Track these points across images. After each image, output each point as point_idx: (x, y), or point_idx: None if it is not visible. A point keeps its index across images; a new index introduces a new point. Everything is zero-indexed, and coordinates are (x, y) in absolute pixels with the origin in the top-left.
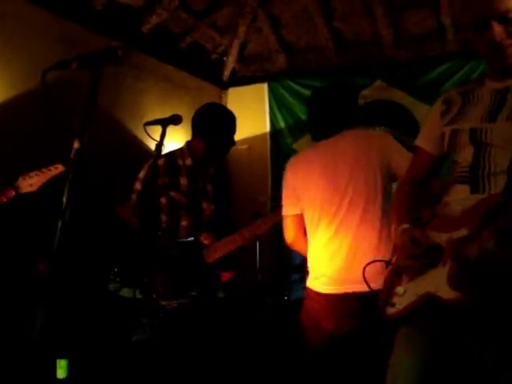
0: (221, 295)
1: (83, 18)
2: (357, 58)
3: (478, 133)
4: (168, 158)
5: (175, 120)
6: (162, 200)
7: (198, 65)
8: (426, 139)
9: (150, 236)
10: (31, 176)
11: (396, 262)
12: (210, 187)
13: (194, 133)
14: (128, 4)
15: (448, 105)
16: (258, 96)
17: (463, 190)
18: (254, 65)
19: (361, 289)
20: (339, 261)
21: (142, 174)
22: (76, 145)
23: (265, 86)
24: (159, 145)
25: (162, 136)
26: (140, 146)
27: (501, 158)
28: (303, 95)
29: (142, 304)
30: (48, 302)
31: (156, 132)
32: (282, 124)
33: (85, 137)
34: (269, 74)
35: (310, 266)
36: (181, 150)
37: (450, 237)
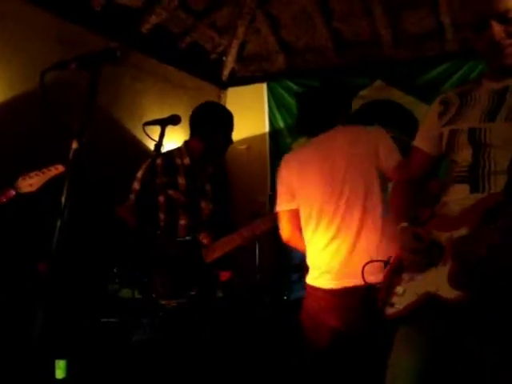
0: (219, 295)
1: (82, 18)
2: (356, 58)
3: (476, 133)
4: (166, 157)
5: (174, 120)
6: (160, 198)
7: (197, 65)
8: (424, 139)
9: (148, 235)
10: (31, 176)
11: (394, 262)
12: (208, 186)
13: (191, 132)
14: (127, 4)
15: (446, 105)
16: (257, 96)
17: (462, 190)
18: (253, 65)
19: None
20: (341, 257)
21: (139, 174)
22: (74, 145)
23: (264, 86)
24: (158, 145)
25: (161, 136)
26: (139, 146)
27: (500, 157)
28: None
29: (141, 304)
30: (48, 302)
31: (155, 132)
32: (281, 124)
33: (83, 137)
34: (268, 74)
35: (310, 264)
36: (179, 150)
37: (450, 236)
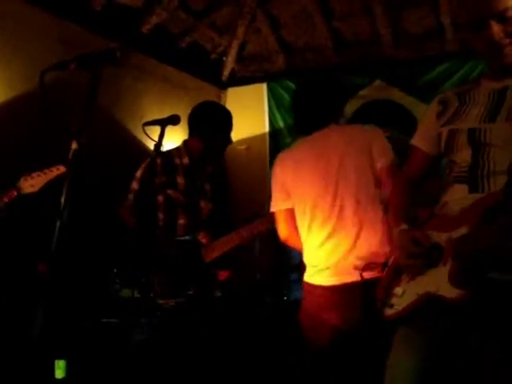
0: (218, 294)
1: (82, 18)
2: (356, 58)
3: (476, 133)
4: (165, 157)
5: (174, 120)
6: (159, 198)
7: (197, 65)
8: (423, 139)
9: (147, 235)
10: (33, 177)
11: (393, 262)
12: (207, 186)
13: (190, 131)
14: (127, 4)
15: (444, 105)
16: (257, 96)
17: (462, 190)
18: (253, 65)
19: (358, 278)
20: (339, 255)
21: (138, 174)
22: (74, 146)
23: (264, 86)
24: (158, 145)
25: (161, 136)
26: (139, 146)
27: (500, 158)
28: None
29: (140, 303)
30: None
31: (155, 132)
32: (281, 124)
33: (83, 138)
34: (268, 74)
35: (307, 262)
36: (178, 149)
37: (450, 236)
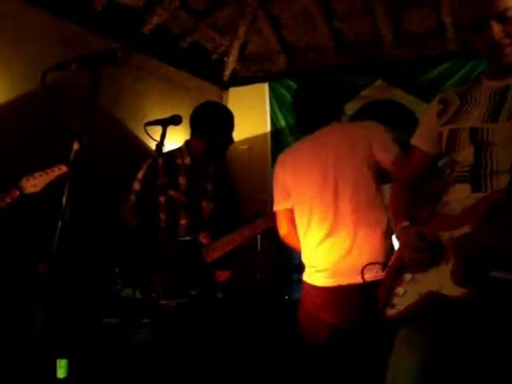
0: (219, 295)
1: (83, 18)
2: (357, 58)
3: (478, 132)
4: (167, 157)
5: (175, 120)
6: (161, 199)
7: (199, 65)
8: (423, 138)
9: (149, 236)
10: (35, 177)
11: (394, 262)
12: (209, 186)
13: (192, 131)
14: (128, 5)
15: (445, 104)
16: (258, 96)
17: (464, 189)
18: (255, 65)
19: (357, 280)
20: (336, 256)
21: (140, 175)
22: (75, 146)
23: (265, 86)
24: (159, 145)
25: (163, 136)
26: (141, 147)
27: (503, 157)
28: None
29: (141, 304)
30: (48, 302)
31: (156, 132)
32: (282, 123)
33: (84, 138)
34: (269, 74)
35: (305, 262)
36: (180, 150)
37: (452, 235)
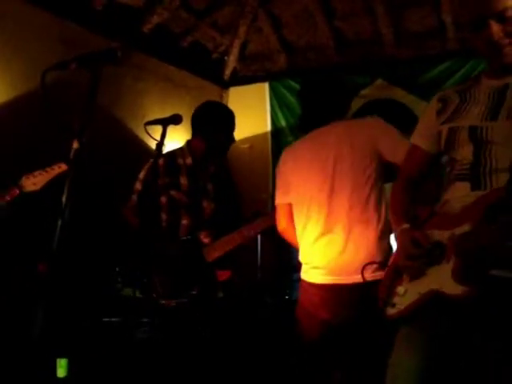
0: (220, 295)
1: (83, 18)
2: (357, 57)
3: (478, 131)
4: (168, 157)
5: (176, 120)
6: (163, 199)
7: (199, 64)
8: (422, 137)
9: (150, 236)
10: (35, 175)
11: (394, 261)
12: (210, 186)
13: (193, 132)
14: (128, 4)
15: (444, 103)
16: (259, 95)
17: (463, 188)
18: (255, 64)
19: (354, 280)
20: (332, 254)
21: (141, 175)
22: (75, 145)
23: (266, 86)
24: (160, 144)
25: (163, 136)
26: (141, 146)
27: (502, 155)
28: None
29: (141, 303)
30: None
31: (157, 132)
32: (283, 123)
33: (84, 137)
34: (270, 73)
35: (302, 258)
36: (181, 150)
37: (452, 233)
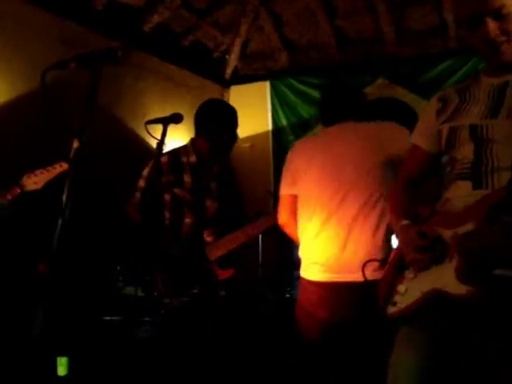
0: (222, 293)
1: (84, 18)
2: (359, 56)
3: (478, 130)
4: (172, 155)
5: (176, 119)
6: (166, 197)
7: (200, 63)
8: (422, 136)
9: (152, 233)
10: (36, 174)
11: (394, 260)
12: (213, 185)
13: (196, 131)
14: (129, 3)
15: (444, 102)
16: (260, 94)
17: (465, 186)
18: (256, 63)
19: (353, 278)
20: (331, 249)
21: (145, 172)
22: (75, 144)
23: (267, 84)
24: (160, 143)
25: (163, 135)
26: (141, 145)
27: (503, 154)
28: (305, 93)
29: (143, 302)
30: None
31: (157, 131)
32: (284, 122)
33: (84, 136)
34: (271, 72)
35: (302, 254)
36: (185, 147)
37: (455, 232)
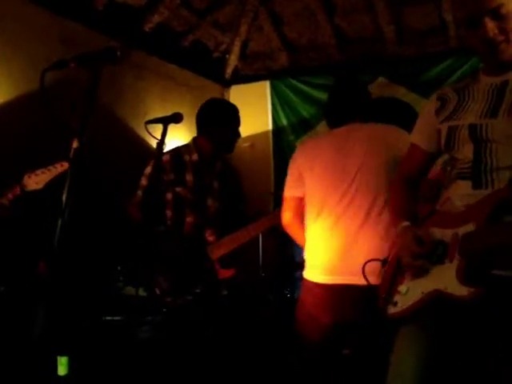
0: (224, 293)
1: (84, 17)
2: (359, 55)
3: (478, 129)
4: (174, 154)
5: (176, 118)
6: (168, 196)
7: (200, 63)
8: (421, 136)
9: (152, 232)
10: (37, 174)
11: (394, 259)
12: (215, 184)
13: (198, 130)
14: (129, 3)
15: (443, 101)
16: (260, 94)
17: (465, 186)
18: (257, 63)
19: (356, 281)
20: (335, 253)
21: (147, 170)
22: (75, 144)
23: (267, 84)
24: (160, 143)
25: (163, 134)
26: (141, 145)
27: (503, 153)
28: (305, 93)
29: (143, 301)
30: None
31: (157, 130)
32: (284, 122)
33: (84, 136)
34: (271, 71)
35: (306, 256)
36: (187, 146)
37: (456, 233)
